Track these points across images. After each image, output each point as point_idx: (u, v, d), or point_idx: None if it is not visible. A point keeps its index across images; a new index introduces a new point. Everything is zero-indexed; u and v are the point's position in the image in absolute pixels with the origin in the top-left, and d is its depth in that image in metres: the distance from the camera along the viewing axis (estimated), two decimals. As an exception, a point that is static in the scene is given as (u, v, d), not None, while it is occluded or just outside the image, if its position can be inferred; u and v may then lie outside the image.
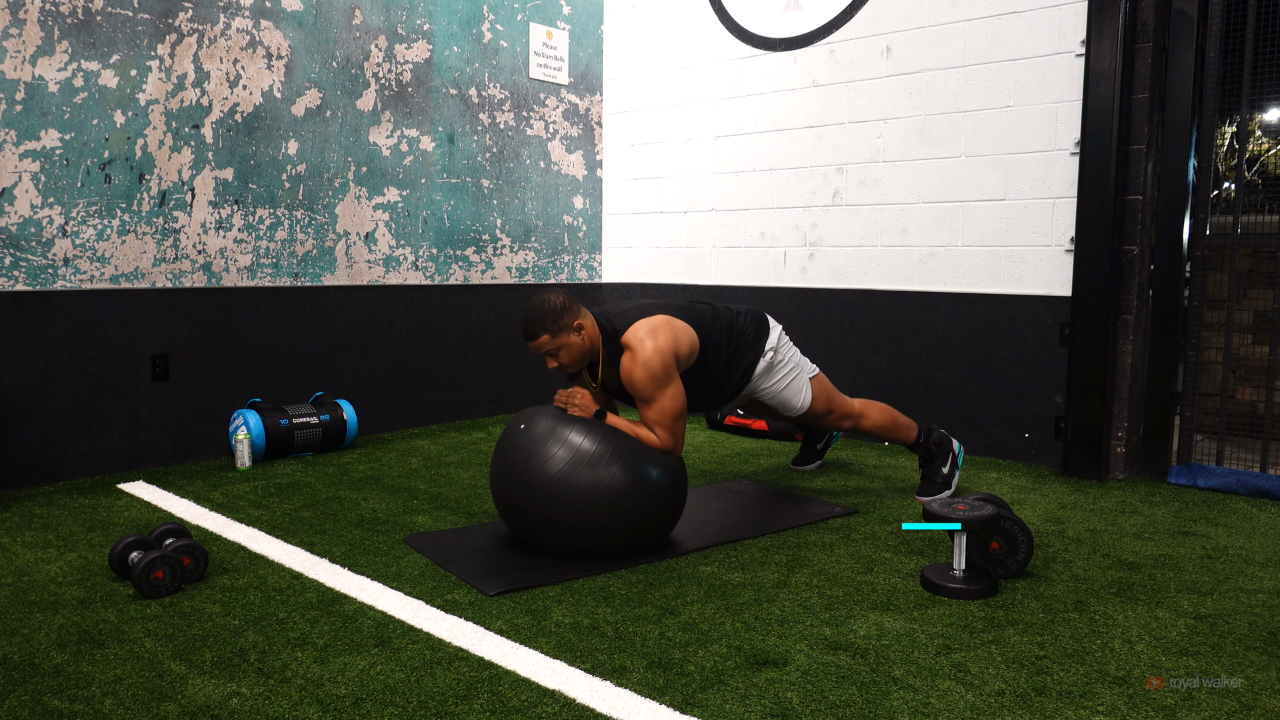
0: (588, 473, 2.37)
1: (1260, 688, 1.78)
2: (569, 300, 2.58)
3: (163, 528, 2.36)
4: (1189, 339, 3.43)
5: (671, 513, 2.54)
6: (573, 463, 2.37)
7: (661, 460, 2.49)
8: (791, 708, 1.68)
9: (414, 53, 4.18)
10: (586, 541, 2.43)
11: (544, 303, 2.55)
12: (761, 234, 4.43)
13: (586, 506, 2.37)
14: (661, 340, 2.54)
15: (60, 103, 3.18)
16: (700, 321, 2.73)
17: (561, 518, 2.39)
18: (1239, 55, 3.25)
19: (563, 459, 2.38)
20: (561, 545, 2.45)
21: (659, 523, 2.51)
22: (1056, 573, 2.41)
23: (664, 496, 2.48)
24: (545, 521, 2.42)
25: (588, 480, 2.37)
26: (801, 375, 2.98)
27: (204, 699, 1.71)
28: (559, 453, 2.39)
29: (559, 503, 2.37)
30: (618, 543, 2.45)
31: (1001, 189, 3.67)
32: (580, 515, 2.38)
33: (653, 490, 2.45)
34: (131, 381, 3.42)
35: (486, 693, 1.74)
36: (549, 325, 2.54)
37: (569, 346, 2.57)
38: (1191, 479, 3.34)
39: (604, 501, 2.37)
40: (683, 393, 2.56)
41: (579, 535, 2.41)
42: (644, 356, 2.51)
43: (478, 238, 4.51)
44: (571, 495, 2.36)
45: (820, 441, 3.56)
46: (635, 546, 2.49)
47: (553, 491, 2.37)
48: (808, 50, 4.21)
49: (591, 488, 2.36)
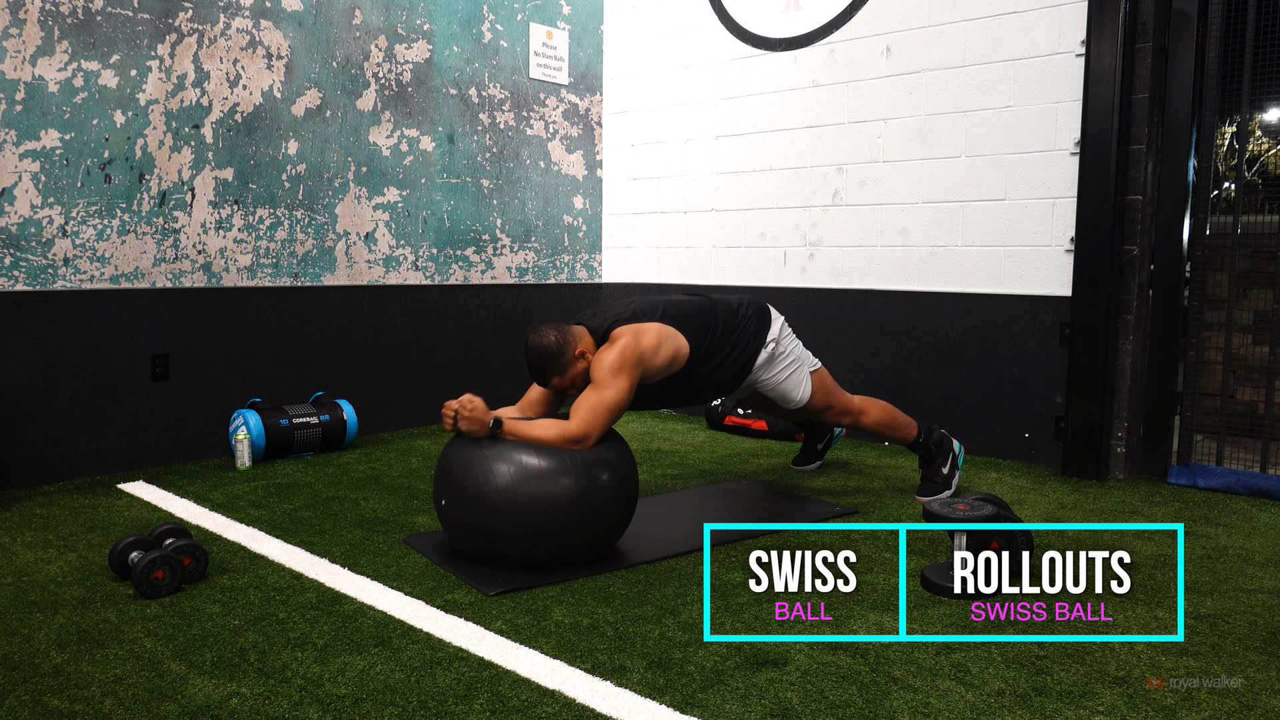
0: (536, 486, 2.28)
1: (1260, 688, 1.78)
2: (561, 334, 2.56)
3: (163, 528, 2.36)
4: (1189, 339, 3.43)
5: (619, 519, 2.45)
6: (517, 478, 2.28)
7: (576, 457, 2.35)
8: (791, 708, 1.68)
9: (414, 53, 4.18)
10: (525, 553, 2.35)
11: (542, 348, 2.53)
12: (761, 234, 4.43)
13: (529, 520, 2.29)
14: (644, 341, 2.55)
15: (60, 103, 3.18)
16: (693, 325, 2.72)
17: (502, 529, 2.31)
18: (1239, 55, 3.25)
19: (507, 474, 2.29)
20: (502, 557, 2.37)
21: (605, 531, 2.42)
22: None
23: (608, 504, 2.39)
24: (484, 536, 2.34)
25: (537, 493, 2.28)
26: (802, 368, 2.98)
27: (204, 699, 1.71)
28: (503, 469, 2.30)
29: (501, 519, 2.29)
30: (561, 553, 2.37)
31: (1001, 189, 3.66)
32: (520, 529, 2.30)
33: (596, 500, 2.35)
34: (131, 381, 3.42)
35: (486, 693, 1.74)
36: (556, 368, 2.55)
37: (578, 374, 2.58)
38: (1191, 479, 3.34)
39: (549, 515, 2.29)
40: (629, 395, 2.50)
41: (517, 547, 2.34)
42: (618, 346, 2.52)
43: (478, 238, 4.51)
44: (510, 510, 2.28)
45: (821, 441, 3.56)
46: (579, 557, 2.41)
47: (495, 509, 2.29)
48: (808, 50, 4.21)
49: (540, 499, 2.28)
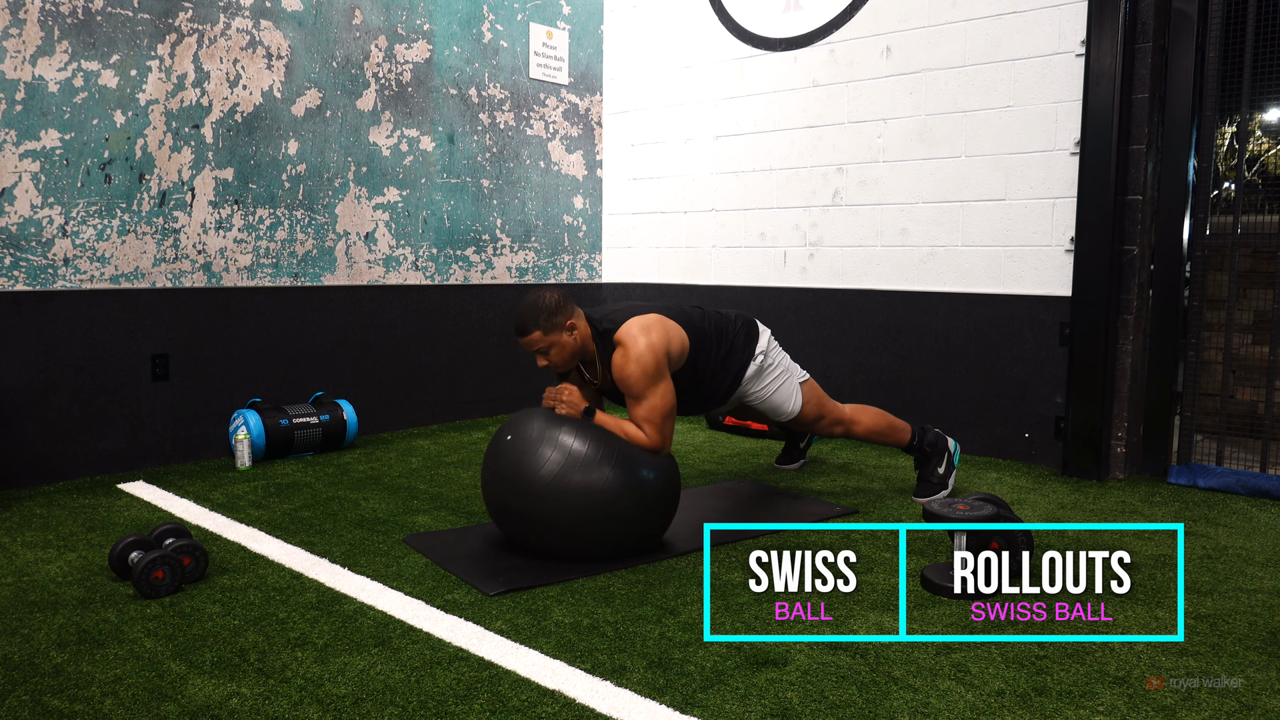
0: (580, 476, 2.36)
1: (1260, 688, 1.78)
2: (563, 299, 2.58)
3: (163, 528, 2.36)
4: (1189, 339, 3.43)
5: (666, 513, 2.53)
6: (565, 466, 2.36)
7: (652, 461, 2.48)
8: (791, 708, 1.68)
9: (414, 53, 4.18)
10: (581, 544, 2.42)
11: (538, 300, 2.56)
12: (761, 234, 4.43)
13: (581, 510, 2.36)
14: (654, 337, 2.55)
15: (60, 103, 3.18)
16: (691, 323, 2.73)
17: (556, 522, 2.38)
18: (1239, 55, 3.25)
19: (556, 463, 2.37)
20: (556, 548, 2.45)
21: (653, 523, 2.50)
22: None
23: (658, 497, 2.48)
24: (540, 526, 2.41)
25: (581, 483, 2.36)
26: (791, 380, 2.97)
27: (204, 699, 1.71)
28: (552, 456, 2.38)
29: (553, 506, 2.37)
30: (612, 544, 2.45)
31: (1001, 189, 3.66)
32: (574, 519, 2.37)
33: (646, 491, 2.44)
34: (131, 381, 3.42)
35: (486, 693, 1.74)
36: (542, 322, 2.54)
37: (560, 345, 2.58)
38: (1191, 479, 3.34)
39: (598, 504, 2.36)
40: (673, 391, 2.55)
41: (574, 538, 2.41)
42: (636, 352, 2.51)
43: (478, 238, 4.51)
44: (565, 499, 2.36)
45: (802, 440, 3.58)
46: (630, 548, 2.49)
47: (546, 496, 2.36)
48: (808, 50, 4.21)
49: (586, 491, 2.36)
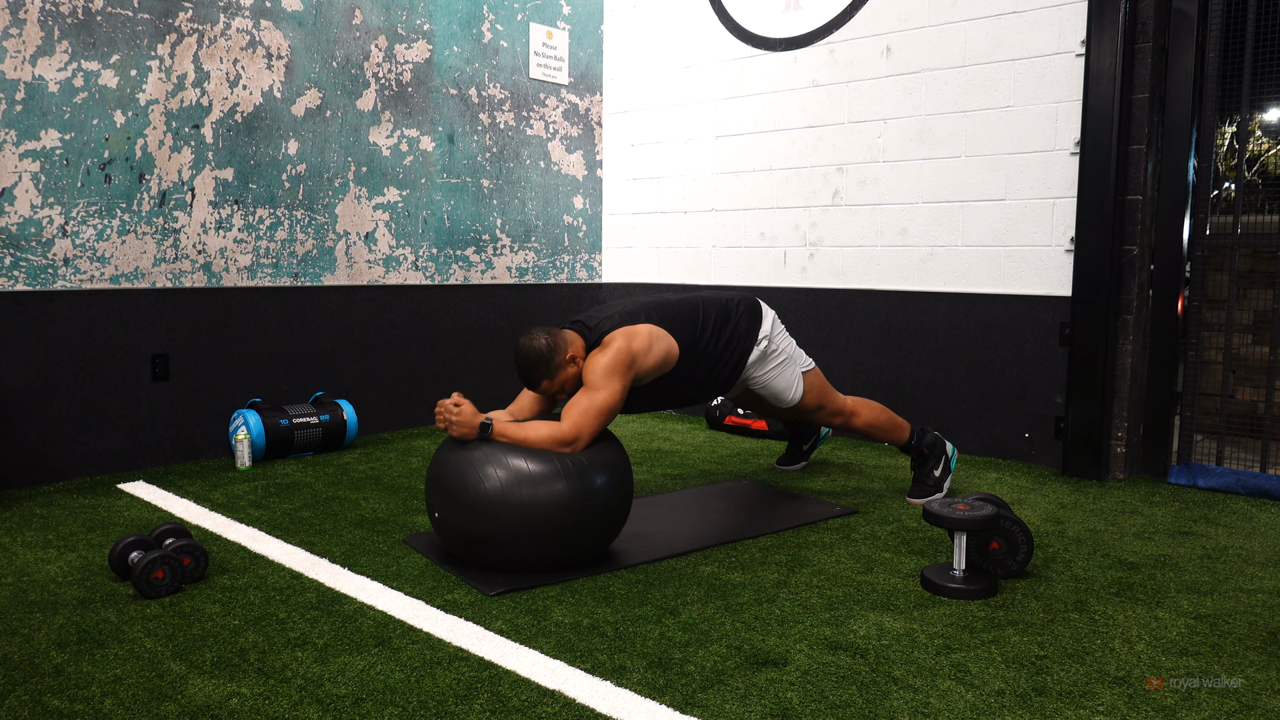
0: (528, 490, 2.28)
1: (1260, 688, 1.78)
2: (552, 337, 2.54)
3: (163, 528, 2.36)
4: (1189, 339, 3.43)
5: (613, 524, 2.45)
6: (509, 482, 2.28)
7: (589, 466, 2.36)
8: (791, 708, 1.68)
9: (414, 53, 4.18)
10: (522, 556, 2.34)
11: (533, 352, 2.51)
12: (761, 234, 4.43)
13: (525, 524, 2.28)
14: (635, 344, 2.54)
15: (60, 103, 3.18)
16: (686, 325, 2.72)
17: (497, 536, 2.30)
18: (1239, 55, 3.25)
19: (498, 479, 2.28)
20: (499, 560, 2.36)
21: (599, 535, 2.41)
22: (1056, 573, 2.41)
23: (602, 508, 2.38)
24: (479, 541, 2.33)
25: (528, 498, 2.27)
26: (795, 367, 2.97)
27: (204, 699, 1.71)
28: (496, 474, 2.29)
29: (493, 524, 2.28)
30: (556, 558, 2.36)
31: (1001, 189, 3.66)
32: (517, 533, 2.29)
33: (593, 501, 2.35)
34: (131, 381, 3.42)
35: (486, 693, 1.74)
36: (546, 371, 2.52)
37: (567, 379, 2.57)
38: (1191, 479, 3.34)
39: (545, 518, 2.28)
40: (620, 400, 2.48)
41: (514, 551, 2.33)
42: (610, 350, 2.51)
43: (478, 238, 4.51)
44: (508, 514, 2.27)
45: (806, 443, 3.57)
46: (574, 561, 2.40)
47: (488, 514, 2.28)
48: (808, 50, 4.21)
49: (534, 504, 2.27)
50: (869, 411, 3.10)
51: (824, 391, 3.03)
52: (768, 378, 2.92)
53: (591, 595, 2.23)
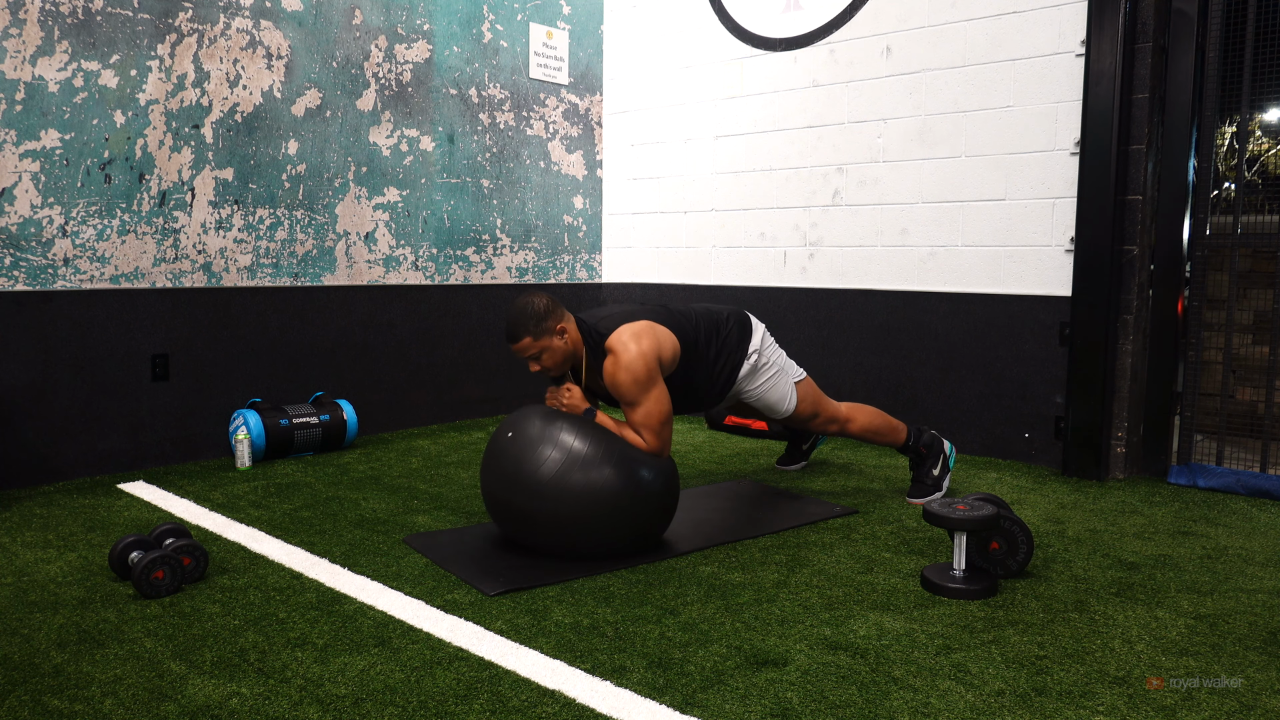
0: (581, 475, 2.37)
1: (1260, 688, 1.78)
2: (552, 304, 2.57)
3: (163, 528, 2.36)
4: (1189, 339, 3.43)
5: (665, 511, 2.54)
6: (566, 465, 2.37)
7: (652, 461, 2.49)
8: (791, 708, 1.68)
9: (414, 53, 4.18)
10: (582, 543, 2.43)
11: (527, 305, 2.54)
12: (761, 234, 4.43)
13: (581, 509, 2.37)
14: (645, 344, 2.54)
15: (60, 103, 3.18)
16: (681, 327, 2.72)
17: (556, 520, 2.39)
18: (1239, 55, 3.25)
19: (556, 461, 2.38)
20: (557, 547, 2.45)
21: (653, 522, 2.51)
22: (1056, 573, 2.41)
23: (658, 496, 2.48)
24: (541, 525, 2.41)
25: (581, 482, 2.36)
26: (786, 378, 2.97)
27: (204, 699, 1.71)
28: (552, 455, 2.39)
29: (554, 505, 2.37)
30: (613, 543, 2.45)
31: (1001, 189, 3.66)
32: (575, 517, 2.38)
33: (646, 491, 2.44)
34: (131, 381, 3.42)
35: (486, 693, 1.74)
36: (531, 328, 2.53)
37: (551, 350, 2.56)
38: (1191, 479, 3.34)
39: (599, 503, 2.37)
40: (667, 396, 2.54)
41: (575, 537, 2.41)
42: (627, 360, 2.50)
43: (478, 238, 4.51)
44: (566, 498, 2.36)
45: (805, 443, 3.57)
46: (631, 546, 2.49)
47: (546, 495, 2.37)
48: (808, 50, 4.21)
49: (585, 489, 2.36)
50: (864, 416, 3.10)
51: (818, 400, 3.04)
52: (761, 391, 2.93)
53: (591, 595, 2.23)
